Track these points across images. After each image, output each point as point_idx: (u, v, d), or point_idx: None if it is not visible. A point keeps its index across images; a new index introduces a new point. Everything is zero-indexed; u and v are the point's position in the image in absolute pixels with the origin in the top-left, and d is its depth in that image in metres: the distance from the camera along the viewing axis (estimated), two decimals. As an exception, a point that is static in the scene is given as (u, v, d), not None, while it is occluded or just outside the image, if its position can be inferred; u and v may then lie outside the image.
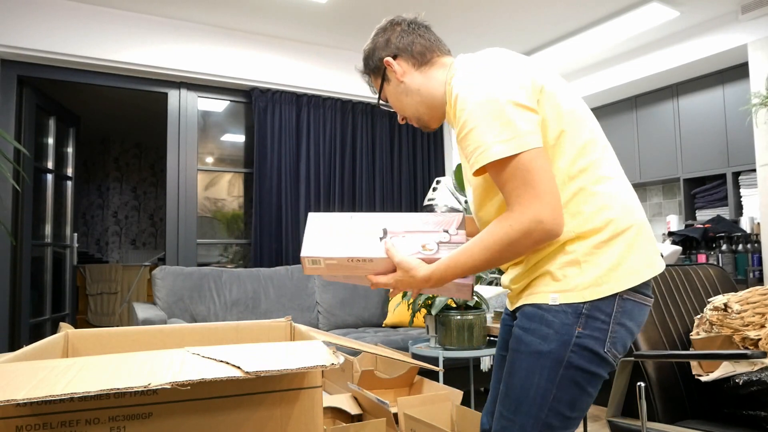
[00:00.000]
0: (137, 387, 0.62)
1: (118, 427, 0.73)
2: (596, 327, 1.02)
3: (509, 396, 1.06)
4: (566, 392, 1.03)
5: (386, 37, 1.22)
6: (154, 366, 0.70)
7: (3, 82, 3.44)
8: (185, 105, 3.99)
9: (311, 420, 0.79)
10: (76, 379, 0.65)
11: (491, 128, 0.98)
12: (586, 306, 1.02)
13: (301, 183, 4.15)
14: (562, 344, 1.02)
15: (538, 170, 0.97)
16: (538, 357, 1.03)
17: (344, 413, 1.69)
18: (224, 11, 3.71)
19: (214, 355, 0.73)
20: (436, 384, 1.97)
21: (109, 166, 7.45)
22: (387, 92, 1.24)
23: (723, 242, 3.88)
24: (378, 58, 1.22)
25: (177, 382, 0.63)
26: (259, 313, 3.59)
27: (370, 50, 1.25)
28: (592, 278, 1.02)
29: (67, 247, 4.35)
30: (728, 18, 3.77)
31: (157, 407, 0.75)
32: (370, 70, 1.26)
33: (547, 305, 1.03)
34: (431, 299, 2.70)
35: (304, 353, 0.75)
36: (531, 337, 1.04)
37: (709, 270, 2.12)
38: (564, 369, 1.02)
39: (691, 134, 4.32)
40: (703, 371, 1.73)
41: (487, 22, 3.92)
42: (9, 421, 0.70)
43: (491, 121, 0.99)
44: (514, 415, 1.05)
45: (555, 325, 1.02)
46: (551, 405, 1.02)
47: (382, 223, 1.15)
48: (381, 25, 1.25)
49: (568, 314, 1.02)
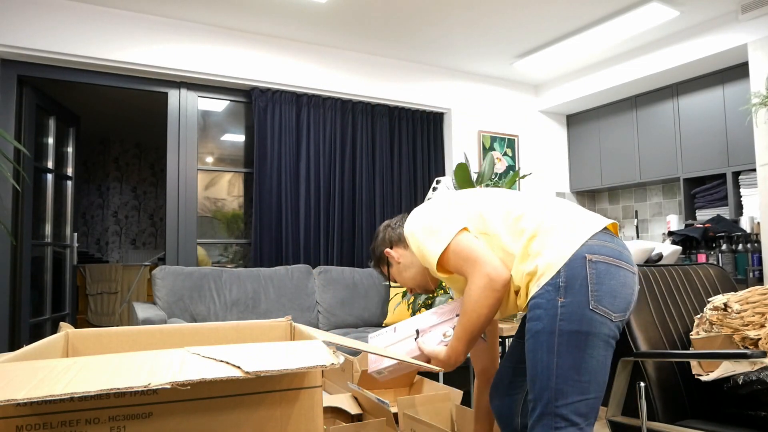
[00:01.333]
0: (137, 387, 0.62)
1: (118, 426, 0.73)
2: (575, 291, 1.19)
3: (527, 381, 1.25)
4: (567, 357, 1.17)
5: (382, 236, 1.62)
6: (154, 366, 0.70)
7: (3, 82, 3.44)
8: (185, 105, 3.99)
9: (311, 420, 0.79)
10: (76, 378, 0.65)
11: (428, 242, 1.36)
12: (562, 279, 1.20)
13: (301, 183, 4.15)
14: (551, 317, 1.19)
15: (467, 247, 1.30)
16: (537, 336, 1.21)
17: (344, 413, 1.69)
18: (224, 11, 3.71)
19: (214, 355, 0.73)
20: (436, 384, 1.97)
21: (109, 166, 7.45)
22: (393, 274, 1.61)
23: (723, 242, 3.88)
24: (380, 251, 1.62)
25: (177, 382, 0.63)
26: (259, 313, 3.59)
27: (374, 248, 1.65)
28: (552, 258, 1.24)
29: (67, 247, 4.35)
30: (728, 18, 3.77)
31: (157, 407, 0.75)
32: (378, 261, 1.65)
33: (537, 293, 1.24)
34: (431, 299, 2.70)
35: (304, 353, 0.75)
36: (531, 323, 1.24)
37: (709, 270, 2.12)
38: (558, 337, 1.18)
39: (691, 134, 4.32)
40: (703, 371, 1.73)
41: (487, 22, 3.92)
42: (9, 421, 0.70)
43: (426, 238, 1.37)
44: (532, 394, 1.22)
45: (543, 305, 1.21)
46: (557, 372, 1.17)
47: (415, 325, 1.47)
48: (378, 231, 1.67)
49: (551, 291, 1.21)
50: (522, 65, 4.67)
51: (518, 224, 1.32)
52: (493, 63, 4.72)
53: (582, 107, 5.17)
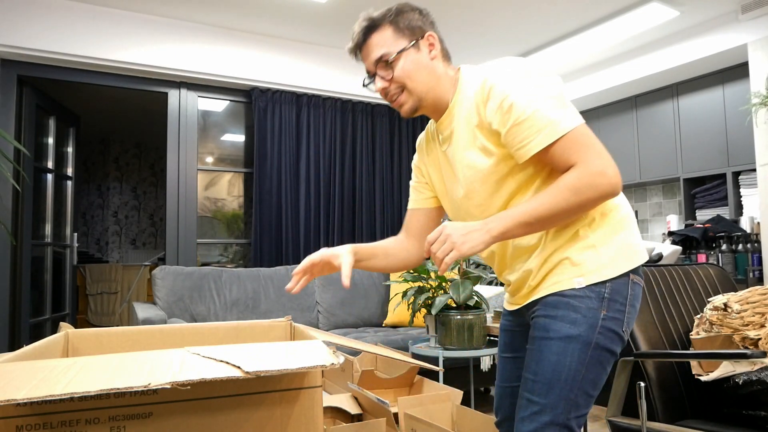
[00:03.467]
0: (137, 387, 0.62)
1: (118, 426, 0.73)
2: (616, 309, 1.11)
3: (538, 381, 1.11)
4: (592, 372, 1.10)
5: (426, 18, 1.23)
6: (153, 366, 0.69)
7: (3, 82, 3.44)
8: (185, 105, 3.99)
9: (311, 420, 0.79)
10: (76, 379, 0.65)
11: (554, 107, 1.07)
12: (607, 290, 1.11)
13: (301, 183, 4.15)
14: (590, 327, 1.10)
15: (593, 137, 1.07)
16: (568, 341, 1.09)
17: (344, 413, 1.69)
18: (224, 11, 3.71)
19: (214, 355, 0.73)
20: (436, 384, 1.97)
21: (109, 166, 7.45)
22: (406, 58, 1.19)
23: (723, 242, 3.88)
24: (417, 25, 1.21)
25: (177, 382, 0.63)
26: (259, 313, 3.59)
27: (404, 8, 1.22)
28: (607, 259, 1.12)
29: (67, 247, 4.35)
30: (728, 18, 3.77)
31: (157, 407, 0.75)
32: (399, 25, 1.20)
33: (571, 291, 1.11)
34: (431, 299, 2.70)
35: (304, 353, 0.75)
36: (560, 323, 1.11)
37: (709, 270, 2.12)
38: (592, 350, 1.10)
39: (691, 134, 4.32)
40: (703, 371, 1.73)
41: (486, 21, 3.92)
42: (9, 421, 0.70)
43: (551, 101, 1.08)
44: (545, 398, 1.10)
45: (582, 310, 1.10)
46: (580, 385, 1.09)
47: None
48: (410, 5, 1.24)
49: (593, 299, 1.10)
50: (522, 65, 4.67)
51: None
52: (493, 63, 4.72)
53: (582, 107, 5.17)
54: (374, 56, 1.20)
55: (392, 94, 1.22)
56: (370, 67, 1.24)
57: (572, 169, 1.05)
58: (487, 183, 1.17)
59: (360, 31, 1.23)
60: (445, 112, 1.22)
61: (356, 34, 1.24)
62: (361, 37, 1.23)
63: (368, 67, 1.24)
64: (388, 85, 1.21)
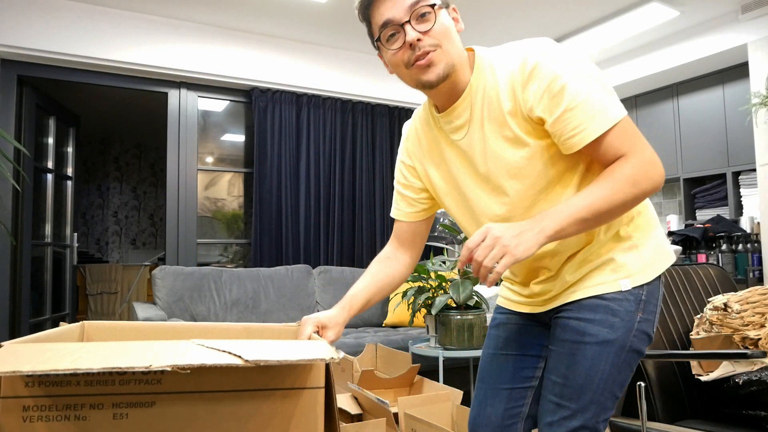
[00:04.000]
0: (138, 367, 0.64)
1: (120, 413, 0.75)
2: (650, 311, 1.08)
3: (569, 386, 1.06)
4: (623, 374, 1.07)
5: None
6: (157, 351, 0.71)
7: (3, 82, 3.44)
8: (185, 105, 3.99)
9: (312, 421, 0.79)
10: (82, 358, 0.67)
11: (605, 94, 0.98)
12: (644, 293, 1.07)
13: (301, 183, 4.15)
14: (626, 331, 1.05)
15: (637, 128, 1.00)
16: (604, 345, 1.05)
17: (344, 413, 1.69)
18: (224, 11, 3.71)
19: (217, 346, 0.74)
20: (436, 384, 1.98)
21: (109, 166, 7.45)
22: (444, 15, 1.04)
23: (723, 242, 3.88)
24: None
25: (177, 365, 0.65)
26: (259, 313, 3.59)
27: None
28: (648, 260, 1.08)
29: (67, 247, 4.35)
30: (728, 18, 3.77)
31: (160, 397, 0.76)
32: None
33: (611, 294, 1.06)
34: (431, 299, 2.70)
35: (307, 348, 0.76)
36: (598, 327, 1.05)
37: (709, 270, 2.12)
38: (626, 353, 1.06)
39: (691, 134, 4.32)
40: (703, 371, 1.73)
41: (485, 22, 3.92)
42: (17, 401, 0.72)
43: (601, 88, 0.99)
44: (577, 403, 1.05)
45: (621, 314, 1.05)
46: (611, 388, 1.05)
47: None
48: None
49: (631, 302, 1.06)
50: (522, 65, 4.67)
51: None
52: (493, 63, 4.72)
53: (582, 107, 5.17)
54: (409, 0, 1.01)
55: (426, 50, 1.01)
56: (400, 12, 1.01)
57: (624, 159, 0.97)
58: (518, 177, 1.06)
59: None
60: (461, 97, 1.08)
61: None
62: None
63: (394, 14, 1.02)
64: (423, 38, 1.01)
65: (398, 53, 1.04)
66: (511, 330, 1.25)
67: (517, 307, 1.24)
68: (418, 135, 1.22)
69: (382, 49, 1.07)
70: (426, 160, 1.21)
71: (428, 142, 1.19)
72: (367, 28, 1.10)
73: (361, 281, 1.24)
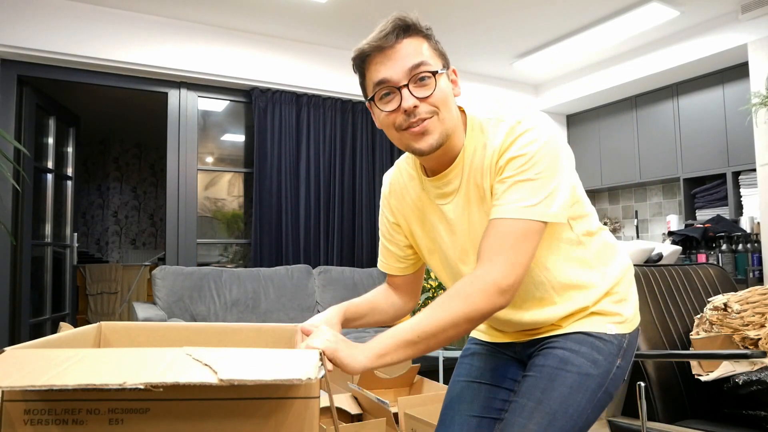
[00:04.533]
0: (112, 384, 0.66)
1: (116, 419, 0.77)
2: (627, 359, 1.11)
3: (540, 410, 1.02)
4: (594, 414, 1.07)
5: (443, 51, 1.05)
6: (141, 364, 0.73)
7: (3, 82, 3.44)
8: (185, 105, 3.99)
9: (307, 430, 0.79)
10: (62, 373, 0.69)
11: (549, 189, 0.96)
12: (626, 341, 1.11)
13: (301, 183, 4.15)
14: (605, 372, 1.07)
15: (531, 247, 0.95)
16: (585, 378, 1.05)
17: (344, 413, 1.69)
18: (224, 11, 3.71)
19: (203, 358, 0.75)
20: (436, 384, 1.98)
21: (109, 166, 7.45)
22: (443, 81, 1.00)
23: (723, 242, 3.88)
24: (444, 52, 1.04)
25: (150, 383, 0.66)
26: (259, 313, 3.59)
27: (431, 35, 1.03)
28: (632, 312, 1.14)
29: (67, 247, 4.35)
30: (728, 18, 3.77)
31: (154, 404, 0.77)
32: (433, 43, 1.02)
33: (598, 333, 1.09)
34: (431, 299, 2.70)
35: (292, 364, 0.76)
36: (581, 359, 1.06)
37: (709, 270, 2.12)
38: (601, 394, 1.06)
39: (691, 134, 4.32)
40: (703, 371, 1.73)
41: (486, 21, 3.92)
42: (18, 404, 0.75)
43: (553, 183, 0.96)
44: (546, 429, 1.01)
45: (604, 353, 1.08)
46: (582, 424, 1.04)
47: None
48: (428, 27, 1.05)
49: (614, 345, 1.09)
50: (522, 65, 4.67)
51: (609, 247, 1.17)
52: (493, 63, 4.72)
53: (582, 107, 5.17)
54: (409, 62, 0.97)
55: (422, 117, 0.97)
56: (398, 74, 0.97)
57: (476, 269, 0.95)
58: None
59: (392, 29, 0.98)
60: (453, 164, 1.05)
61: (384, 32, 0.99)
62: (392, 37, 0.98)
63: (391, 75, 0.98)
64: (420, 105, 0.97)
65: (391, 115, 1.00)
66: (487, 360, 1.23)
67: (494, 337, 1.23)
68: (403, 191, 1.17)
69: (374, 107, 1.04)
70: (411, 218, 1.17)
71: (413, 200, 1.15)
72: (360, 79, 1.07)
73: (362, 296, 1.23)
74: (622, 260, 1.17)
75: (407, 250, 1.22)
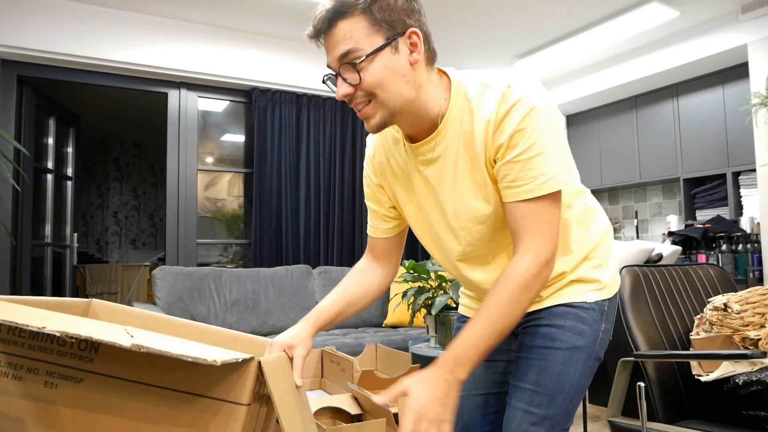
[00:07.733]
0: (32, 326, 0.69)
1: (52, 382, 0.80)
2: (610, 320, 1.14)
3: (540, 392, 1.05)
4: (587, 380, 1.10)
5: (410, 5, 0.95)
6: (81, 324, 0.75)
7: (3, 82, 3.44)
8: (185, 105, 3.99)
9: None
10: (4, 309, 0.73)
11: (556, 156, 0.97)
12: (607, 304, 1.13)
13: (301, 183, 4.15)
14: (593, 340, 1.10)
15: (559, 212, 1.00)
16: (575, 351, 1.08)
17: (344, 413, 1.69)
18: (224, 11, 3.71)
19: (135, 333, 0.77)
20: (436, 384, 1.97)
21: (109, 166, 7.45)
22: (379, 61, 0.93)
23: (723, 242, 3.88)
24: (398, 17, 0.93)
25: (67, 333, 0.69)
26: (258, 314, 3.59)
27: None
28: (611, 277, 1.15)
29: (67, 247, 4.35)
30: (728, 18, 3.77)
31: (89, 375, 0.80)
32: (374, 15, 0.92)
33: (579, 303, 1.10)
34: (431, 299, 2.70)
35: (206, 349, 0.77)
36: (568, 333, 1.08)
37: (709, 270, 2.12)
38: (592, 362, 1.10)
39: (691, 134, 4.32)
40: (703, 371, 1.73)
41: (486, 21, 3.92)
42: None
43: (557, 148, 0.97)
44: (546, 410, 1.05)
45: (588, 321, 1.10)
46: (577, 396, 1.08)
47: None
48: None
49: (596, 311, 1.11)
50: (522, 65, 4.67)
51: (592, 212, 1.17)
52: (493, 63, 4.72)
53: (582, 107, 5.17)
54: (338, 51, 0.94)
55: (357, 103, 0.97)
56: (332, 63, 0.96)
57: (518, 256, 0.97)
58: (485, 223, 1.06)
59: (324, 14, 0.95)
60: (436, 131, 1.01)
61: (318, 18, 0.95)
62: (325, 23, 0.95)
63: (330, 62, 0.97)
64: (353, 92, 0.95)
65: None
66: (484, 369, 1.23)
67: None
68: (388, 153, 1.15)
69: None
70: (394, 182, 1.16)
71: (399, 162, 1.13)
72: None
73: (331, 294, 1.17)
74: (603, 222, 1.17)
75: (392, 210, 1.22)
